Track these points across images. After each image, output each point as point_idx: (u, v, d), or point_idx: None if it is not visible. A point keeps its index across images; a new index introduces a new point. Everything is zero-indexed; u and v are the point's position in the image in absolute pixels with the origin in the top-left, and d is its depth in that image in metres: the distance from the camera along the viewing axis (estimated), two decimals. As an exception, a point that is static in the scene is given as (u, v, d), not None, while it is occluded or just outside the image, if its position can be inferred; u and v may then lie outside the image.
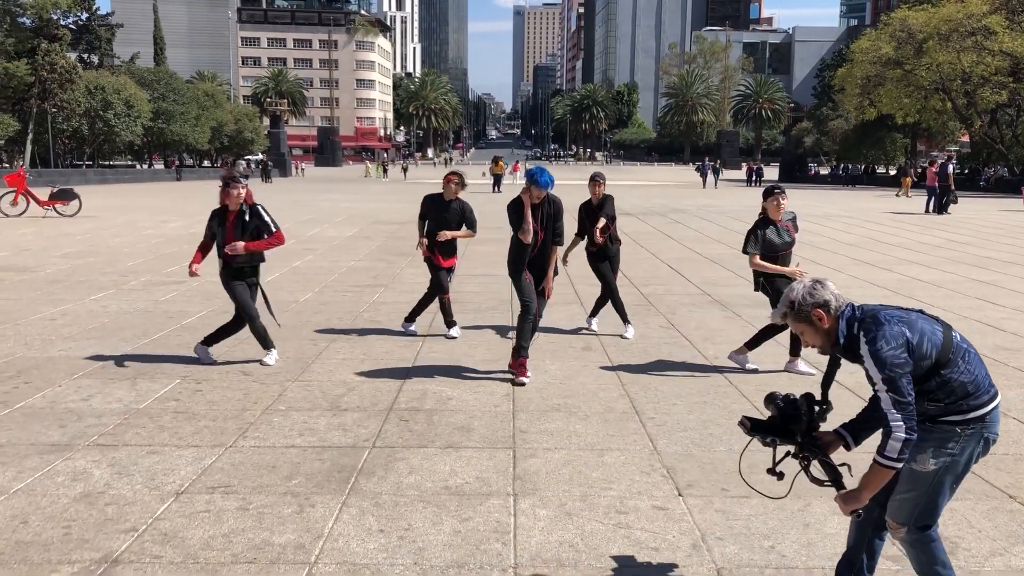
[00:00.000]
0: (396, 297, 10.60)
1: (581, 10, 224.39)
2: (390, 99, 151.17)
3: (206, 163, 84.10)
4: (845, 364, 3.23)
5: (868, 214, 27.18)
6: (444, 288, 8.31)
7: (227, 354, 7.44)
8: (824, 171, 72.99)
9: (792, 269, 6.95)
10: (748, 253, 6.89)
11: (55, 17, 53.62)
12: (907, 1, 58.74)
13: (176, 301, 10.29)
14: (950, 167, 28.58)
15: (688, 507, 4.35)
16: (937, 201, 27.33)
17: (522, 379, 6.65)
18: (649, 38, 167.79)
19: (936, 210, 27.16)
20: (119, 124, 55.62)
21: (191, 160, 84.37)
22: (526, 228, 6.62)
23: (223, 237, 6.93)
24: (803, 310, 3.05)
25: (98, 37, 66.08)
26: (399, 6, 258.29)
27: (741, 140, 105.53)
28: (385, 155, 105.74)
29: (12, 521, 4.10)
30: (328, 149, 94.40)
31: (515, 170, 55.86)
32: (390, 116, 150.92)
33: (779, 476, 3.18)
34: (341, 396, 6.28)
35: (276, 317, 7.49)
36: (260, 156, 75.86)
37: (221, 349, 7.48)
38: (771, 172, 65.11)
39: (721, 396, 6.39)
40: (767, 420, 3.17)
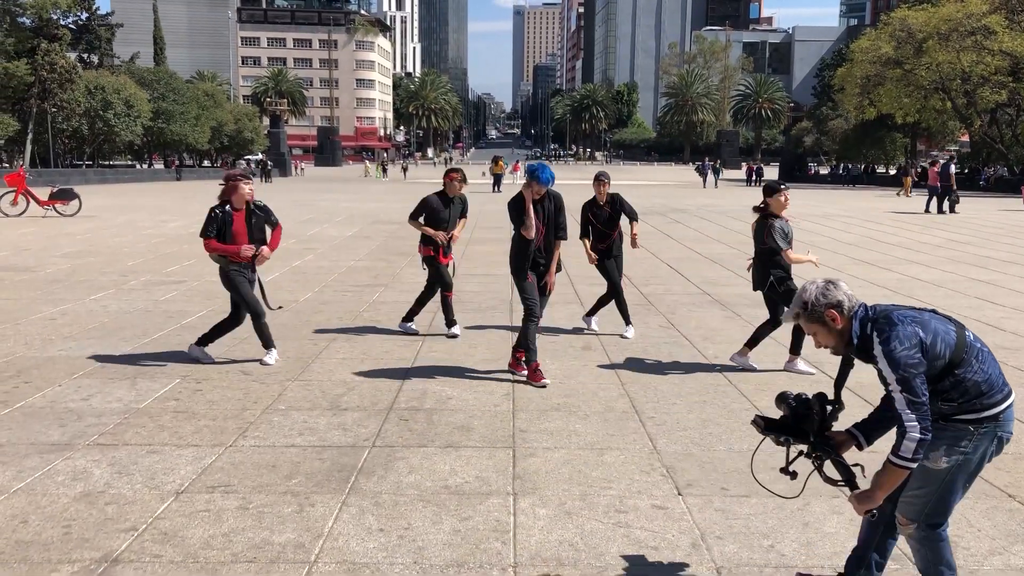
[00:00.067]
0: (396, 297, 10.61)
1: (581, 10, 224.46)
2: (390, 99, 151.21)
3: (206, 163, 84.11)
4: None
5: (868, 214, 27.18)
6: (450, 285, 8.34)
7: (227, 353, 7.45)
8: (824, 171, 72.95)
9: (811, 257, 7.24)
10: (783, 248, 6.90)
11: (55, 17, 53.66)
12: (907, 1, 58.70)
13: (176, 301, 10.30)
14: (952, 167, 28.58)
15: (688, 506, 4.36)
16: (939, 201, 27.33)
17: (543, 382, 6.57)
18: (649, 38, 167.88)
19: (938, 210, 27.17)
20: (119, 124, 55.62)
21: (191, 160, 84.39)
22: (529, 224, 6.60)
23: (232, 238, 6.82)
24: (816, 311, 3.04)
25: (98, 37, 66.14)
26: (399, 6, 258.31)
27: (741, 140, 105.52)
28: (385, 155, 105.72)
29: (12, 521, 4.10)
30: (328, 149, 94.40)
31: (515, 170, 55.86)
32: (390, 116, 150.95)
33: (792, 475, 3.18)
34: (341, 396, 6.28)
35: (269, 301, 7.36)
36: (260, 156, 75.85)
37: (220, 349, 7.49)
38: (771, 172, 65.06)
39: (721, 395, 6.39)
40: (779, 419, 3.17)
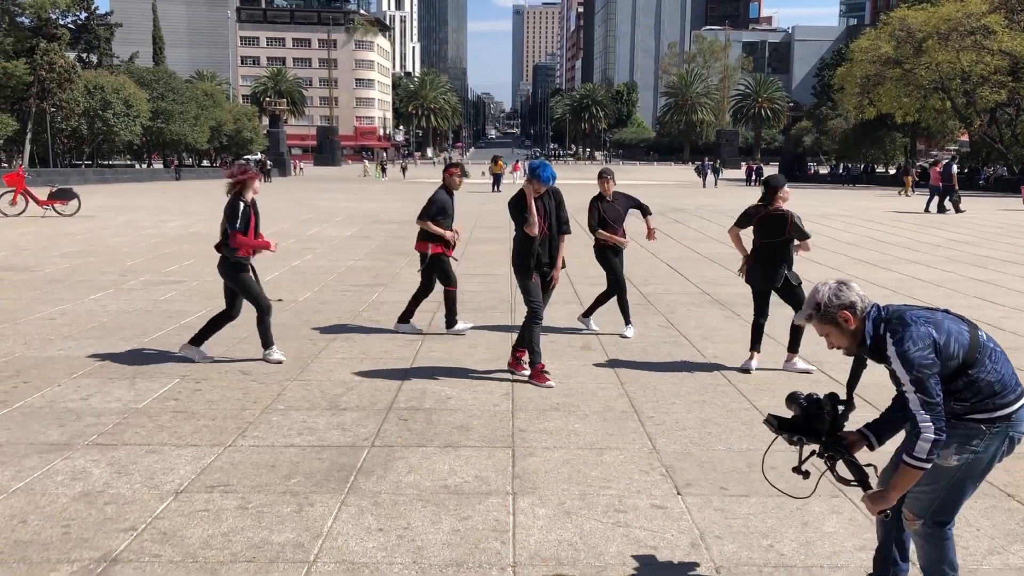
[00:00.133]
0: (395, 296, 10.60)
1: (580, 9, 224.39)
2: (389, 98, 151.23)
3: (205, 163, 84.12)
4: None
5: (868, 213, 27.20)
6: (454, 280, 8.38)
7: (226, 353, 7.45)
8: (823, 170, 72.95)
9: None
10: (809, 236, 7.06)
11: (54, 17, 53.63)
12: (906, 0, 58.71)
13: (175, 300, 10.29)
14: (954, 167, 28.59)
15: (687, 506, 4.36)
16: (940, 201, 27.34)
17: (548, 383, 6.53)
18: (648, 37, 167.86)
19: (937, 209, 27.17)
20: (118, 124, 55.62)
21: (190, 160, 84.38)
22: (531, 221, 6.53)
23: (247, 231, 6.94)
24: (829, 312, 3.03)
25: (97, 37, 66.12)
26: (398, 5, 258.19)
27: (740, 139, 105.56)
28: (384, 154, 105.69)
29: (11, 520, 4.10)
30: (327, 148, 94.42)
31: (515, 169, 55.86)
32: (389, 115, 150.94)
33: (805, 475, 3.19)
34: (340, 395, 6.28)
35: (267, 295, 7.45)
36: (259, 155, 75.86)
37: (220, 348, 7.49)
38: (770, 171, 65.07)
39: (720, 395, 6.39)
40: (791, 419, 3.18)
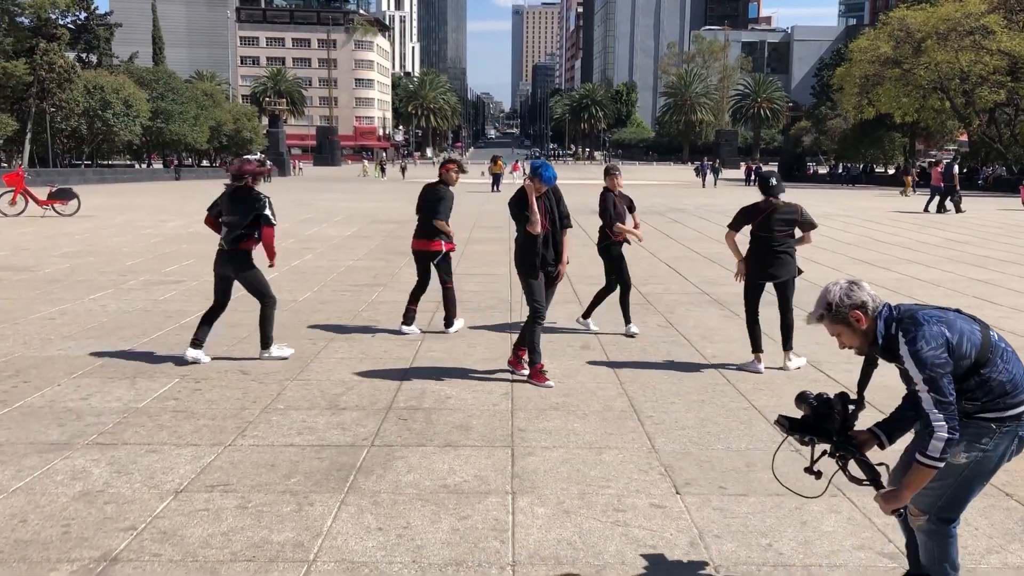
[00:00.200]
0: (395, 296, 10.61)
1: (580, 9, 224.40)
2: (389, 98, 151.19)
3: (205, 163, 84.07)
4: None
5: (867, 213, 27.20)
6: (451, 274, 8.42)
7: (226, 352, 7.45)
8: (823, 170, 72.98)
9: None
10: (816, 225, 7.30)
11: (53, 16, 53.62)
12: (905, 0, 58.74)
13: (175, 300, 10.30)
14: (955, 167, 28.60)
15: (686, 505, 4.36)
16: (942, 201, 27.36)
17: (548, 383, 6.53)
18: (648, 37, 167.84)
19: (937, 209, 27.18)
20: (118, 124, 55.60)
21: (190, 160, 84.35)
22: (534, 219, 6.48)
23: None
24: (841, 311, 3.03)
25: (97, 37, 66.07)
26: (398, 5, 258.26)
27: (740, 139, 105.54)
28: (384, 154, 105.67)
29: (11, 520, 4.10)
30: (327, 148, 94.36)
31: (515, 169, 55.88)
32: (389, 115, 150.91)
33: (817, 475, 3.19)
34: (340, 395, 6.29)
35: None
36: (259, 155, 75.83)
37: (219, 348, 7.49)
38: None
39: (719, 395, 6.40)
40: (801, 419, 3.19)
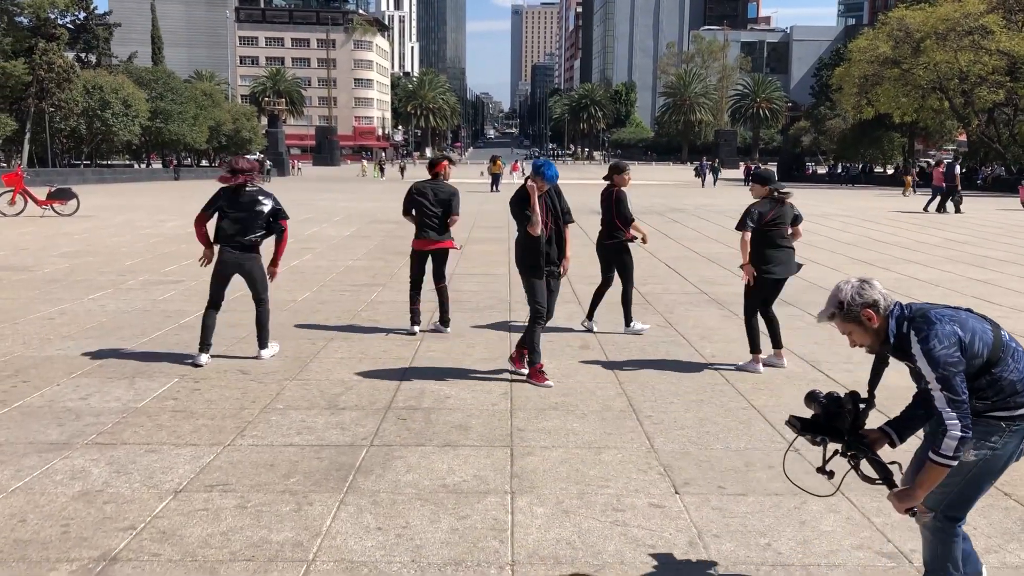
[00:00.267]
0: (394, 296, 10.61)
1: (579, 9, 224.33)
2: (388, 98, 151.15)
3: (204, 162, 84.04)
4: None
5: (866, 213, 27.21)
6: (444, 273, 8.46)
7: (225, 352, 7.45)
8: (822, 170, 72.97)
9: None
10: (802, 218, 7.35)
11: (52, 16, 53.57)
12: (904, 0, 58.75)
13: (174, 300, 10.30)
14: (957, 167, 28.62)
15: (685, 505, 4.37)
16: (942, 201, 27.38)
17: (547, 383, 6.53)
18: (647, 37, 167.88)
19: (937, 209, 27.20)
20: (117, 123, 55.56)
21: (189, 159, 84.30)
22: (535, 220, 6.42)
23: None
24: (852, 310, 3.03)
25: (96, 36, 65.99)
26: (397, 5, 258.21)
27: (739, 139, 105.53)
28: (383, 154, 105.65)
29: (10, 520, 4.11)
30: (326, 148, 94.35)
31: (514, 169, 55.87)
32: (388, 115, 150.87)
33: (829, 475, 3.20)
34: (339, 395, 6.29)
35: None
36: (258, 155, 75.82)
37: (219, 348, 7.47)
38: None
39: (718, 394, 6.41)
40: (812, 418, 3.19)
